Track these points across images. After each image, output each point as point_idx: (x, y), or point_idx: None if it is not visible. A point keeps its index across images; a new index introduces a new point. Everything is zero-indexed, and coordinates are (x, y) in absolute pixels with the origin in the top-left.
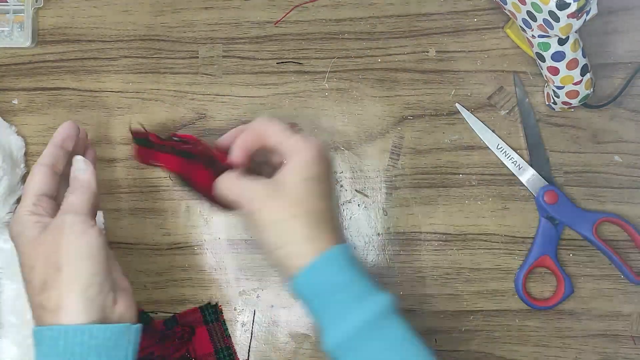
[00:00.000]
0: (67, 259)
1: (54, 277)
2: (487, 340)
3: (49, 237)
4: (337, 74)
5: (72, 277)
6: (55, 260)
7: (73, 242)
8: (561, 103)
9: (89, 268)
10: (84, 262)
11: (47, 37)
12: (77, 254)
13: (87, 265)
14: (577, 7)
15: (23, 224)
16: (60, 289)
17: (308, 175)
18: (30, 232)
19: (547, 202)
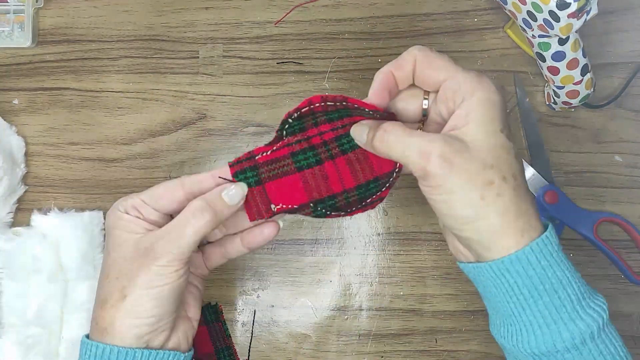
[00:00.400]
0: (135, 292)
1: (116, 301)
2: (487, 340)
3: (135, 258)
4: (337, 74)
5: (131, 311)
6: (125, 285)
7: (154, 282)
8: (561, 103)
9: (152, 310)
10: (150, 303)
11: (48, 37)
12: (149, 293)
13: (152, 307)
14: (577, 7)
15: (111, 217)
16: (114, 316)
17: (500, 125)
18: (122, 236)
19: (548, 201)
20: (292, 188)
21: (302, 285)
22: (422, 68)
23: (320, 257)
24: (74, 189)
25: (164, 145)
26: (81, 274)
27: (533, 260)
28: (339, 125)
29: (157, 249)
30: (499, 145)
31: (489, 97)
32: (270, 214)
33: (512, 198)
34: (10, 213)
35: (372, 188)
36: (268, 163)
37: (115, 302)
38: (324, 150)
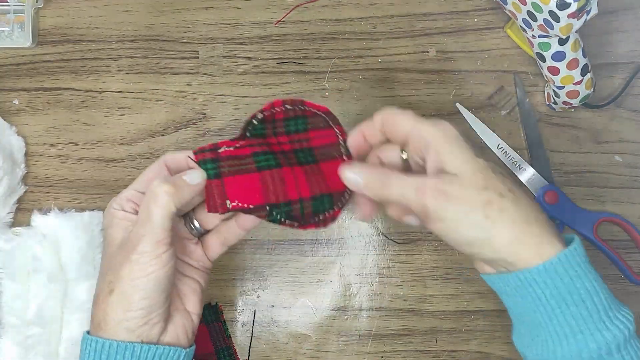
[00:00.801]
0: (121, 285)
1: (105, 296)
2: (487, 340)
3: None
4: (337, 74)
5: (118, 305)
6: (111, 280)
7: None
8: (561, 103)
9: (139, 302)
10: (137, 294)
11: (48, 37)
12: (134, 284)
13: (137, 299)
14: (577, 7)
15: (107, 216)
16: (105, 311)
17: (471, 152)
18: (114, 232)
19: (548, 202)
20: (250, 187)
21: (302, 286)
22: (387, 126)
23: (320, 257)
24: (74, 189)
25: (164, 145)
26: (81, 274)
27: (561, 270)
28: (295, 139)
29: (132, 238)
30: (482, 168)
31: (449, 133)
32: (224, 209)
33: (516, 209)
34: (11, 213)
35: (326, 203)
36: (230, 158)
37: (105, 297)
38: (283, 157)
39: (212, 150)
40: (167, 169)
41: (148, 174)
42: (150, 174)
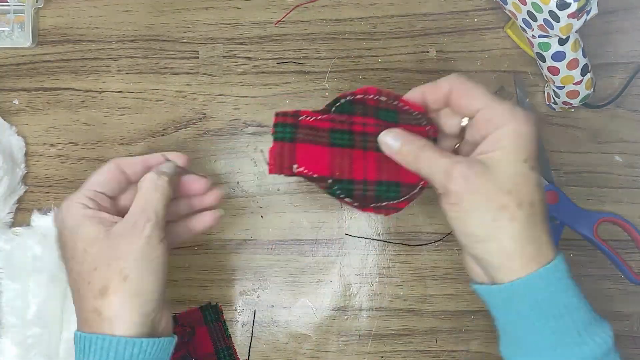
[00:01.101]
0: (136, 268)
1: (118, 285)
2: (487, 340)
3: (120, 241)
4: (337, 74)
5: (137, 289)
6: (122, 267)
7: (147, 253)
8: (561, 103)
9: (154, 283)
10: (151, 277)
11: (48, 37)
12: (146, 267)
13: (152, 280)
14: (577, 7)
15: (74, 215)
16: (122, 298)
17: (525, 155)
18: (90, 229)
19: (548, 202)
20: (319, 157)
21: (302, 286)
22: (458, 96)
23: (320, 257)
24: (74, 189)
25: (164, 145)
26: None
27: (541, 285)
28: (382, 125)
29: (139, 222)
30: (520, 173)
31: (519, 128)
32: (290, 172)
33: (524, 224)
34: (11, 213)
35: (392, 192)
36: (308, 128)
37: (119, 284)
38: (360, 139)
39: (294, 116)
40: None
41: (105, 176)
42: (108, 175)
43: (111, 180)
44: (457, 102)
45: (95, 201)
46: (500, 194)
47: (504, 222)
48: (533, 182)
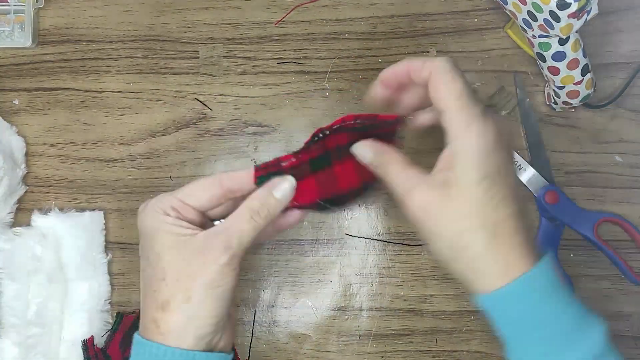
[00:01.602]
0: (200, 293)
1: (180, 304)
2: (487, 340)
3: (194, 259)
4: (337, 74)
5: (196, 313)
6: (189, 287)
7: (216, 281)
8: (562, 103)
9: (215, 310)
10: (214, 304)
11: (48, 37)
12: (212, 293)
13: (215, 307)
14: (577, 7)
15: (153, 220)
16: (180, 319)
17: (482, 173)
18: (167, 237)
19: (548, 202)
20: (307, 189)
21: (302, 286)
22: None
23: (320, 257)
24: (74, 189)
25: (165, 145)
26: (81, 274)
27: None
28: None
29: (217, 247)
30: (479, 194)
31: (473, 143)
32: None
33: (486, 246)
34: (11, 213)
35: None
36: (291, 169)
37: (180, 303)
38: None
39: (275, 165)
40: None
41: (198, 188)
42: (200, 188)
43: (204, 195)
44: (430, 91)
45: (177, 211)
46: (460, 218)
47: (464, 246)
48: (495, 200)
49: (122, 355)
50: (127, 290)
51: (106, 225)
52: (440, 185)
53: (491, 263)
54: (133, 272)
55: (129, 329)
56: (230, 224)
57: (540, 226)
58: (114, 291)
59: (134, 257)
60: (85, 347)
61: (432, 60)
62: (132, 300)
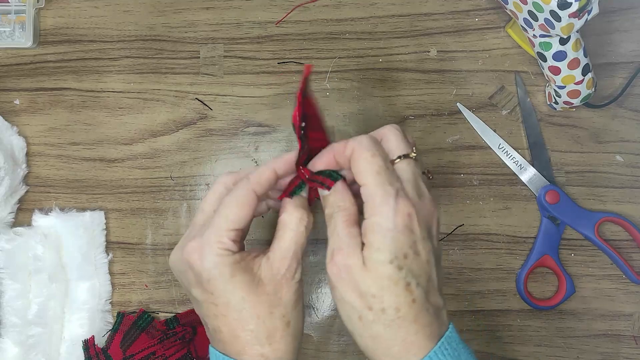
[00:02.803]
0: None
1: (283, 332)
2: (488, 340)
3: (271, 288)
4: (338, 73)
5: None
6: (283, 314)
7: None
8: (562, 103)
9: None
10: (302, 316)
11: (49, 37)
12: (300, 310)
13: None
14: (578, 6)
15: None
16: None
17: (390, 256)
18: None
19: (549, 201)
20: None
21: (302, 286)
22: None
23: (321, 257)
24: (75, 189)
25: (165, 145)
26: (82, 274)
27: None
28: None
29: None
30: (385, 276)
31: (383, 224)
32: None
33: (387, 328)
34: (12, 213)
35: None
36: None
37: (283, 332)
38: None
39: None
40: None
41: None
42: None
43: (250, 214)
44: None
45: (237, 242)
46: (367, 295)
47: (367, 322)
48: (401, 284)
49: (123, 355)
50: (128, 290)
51: (107, 225)
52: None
53: (390, 345)
54: (133, 271)
55: (130, 328)
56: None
57: (541, 226)
58: (114, 291)
59: (135, 256)
60: (86, 347)
61: (353, 140)
62: (133, 300)
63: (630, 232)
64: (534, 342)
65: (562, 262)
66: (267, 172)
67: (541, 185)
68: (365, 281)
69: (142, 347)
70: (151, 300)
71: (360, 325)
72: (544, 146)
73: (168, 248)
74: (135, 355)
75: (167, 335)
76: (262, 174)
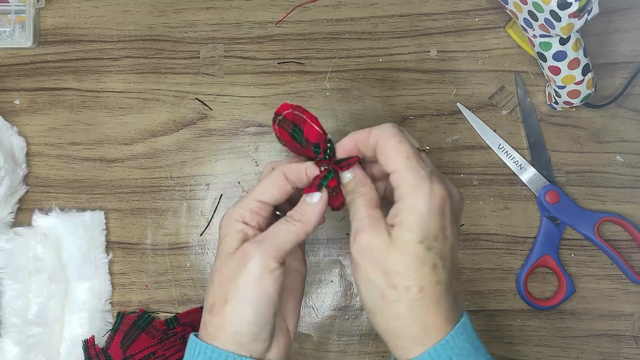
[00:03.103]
0: (234, 297)
1: (220, 307)
2: (488, 340)
3: (232, 263)
4: (338, 73)
5: (231, 317)
6: (226, 290)
7: (247, 284)
8: (562, 103)
9: (252, 316)
10: (250, 308)
11: (49, 37)
12: (244, 297)
13: (252, 312)
14: (578, 6)
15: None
16: (220, 322)
17: (421, 236)
18: (230, 244)
19: (549, 201)
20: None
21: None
22: (378, 152)
23: (321, 257)
24: (75, 189)
25: (165, 145)
26: (82, 274)
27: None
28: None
29: (254, 251)
30: (414, 255)
31: (418, 205)
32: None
33: (410, 307)
34: (12, 213)
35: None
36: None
37: (220, 307)
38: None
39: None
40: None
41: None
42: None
43: (278, 191)
44: (378, 158)
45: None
46: (392, 273)
47: (390, 301)
48: (428, 264)
49: (123, 355)
50: (128, 290)
51: (107, 225)
52: (386, 234)
53: (410, 325)
54: (134, 272)
55: (130, 328)
56: (269, 230)
57: (541, 226)
58: (114, 291)
59: (135, 256)
60: (86, 347)
61: (377, 128)
62: (133, 300)
63: (630, 232)
64: (534, 342)
65: (562, 262)
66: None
67: (541, 185)
68: (392, 259)
69: (142, 347)
70: (151, 300)
71: (381, 304)
72: (544, 146)
73: (168, 248)
74: (135, 355)
75: (167, 335)
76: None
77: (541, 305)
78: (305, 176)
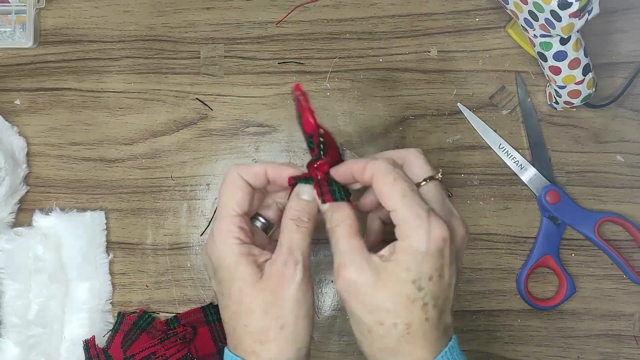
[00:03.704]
0: (291, 317)
1: (276, 333)
2: (489, 340)
3: (270, 285)
4: (338, 73)
5: (293, 337)
6: (278, 315)
7: (300, 299)
8: (563, 103)
9: (306, 328)
10: (304, 322)
11: (49, 37)
12: (299, 313)
13: (305, 325)
14: (579, 6)
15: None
16: (280, 347)
17: (415, 276)
18: (247, 270)
19: (549, 201)
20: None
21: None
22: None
23: (321, 257)
24: (76, 189)
25: (166, 145)
26: (82, 274)
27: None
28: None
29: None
30: (404, 294)
31: (415, 246)
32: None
33: (396, 342)
34: (12, 213)
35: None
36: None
37: (277, 334)
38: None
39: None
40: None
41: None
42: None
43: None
44: (376, 195)
45: (245, 230)
46: (380, 310)
47: (377, 335)
48: (418, 303)
49: (124, 355)
50: (128, 290)
51: (107, 225)
52: (374, 270)
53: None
54: (134, 272)
55: (130, 329)
56: (284, 240)
57: (541, 226)
58: (115, 291)
59: (135, 257)
60: (87, 347)
61: (372, 163)
62: (133, 300)
63: (631, 232)
64: (535, 342)
65: (562, 262)
66: (256, 166)
67: (541, 185)
68: (379, 296)
69: (143, 347)
70: (151, 300)
71: (369, 337)
72: (544, 146)
73: (168, 248)
74: (135, 355)
75: (168, 335)
76: (250, 165)
77: (542, 305)
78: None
